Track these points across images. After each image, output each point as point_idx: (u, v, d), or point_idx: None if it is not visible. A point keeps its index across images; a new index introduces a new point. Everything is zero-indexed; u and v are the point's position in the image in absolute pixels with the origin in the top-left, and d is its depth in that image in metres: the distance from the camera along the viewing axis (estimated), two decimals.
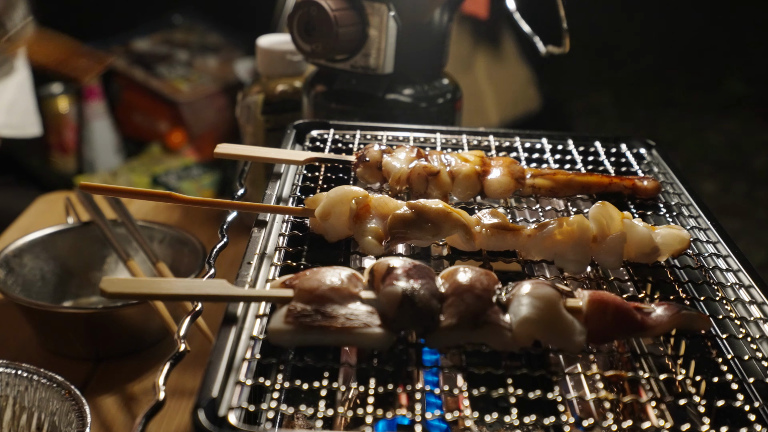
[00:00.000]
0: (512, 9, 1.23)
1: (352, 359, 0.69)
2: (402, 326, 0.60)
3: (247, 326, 0.61)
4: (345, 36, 1.08)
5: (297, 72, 1.29)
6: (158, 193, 0.75)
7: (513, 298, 0.61)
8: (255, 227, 0.75)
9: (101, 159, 2.71)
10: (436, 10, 1.13)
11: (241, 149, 0.89)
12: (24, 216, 1.46)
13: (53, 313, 1.02)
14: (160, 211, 1.44)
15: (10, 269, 1.09)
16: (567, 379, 0.71)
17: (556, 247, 0.73)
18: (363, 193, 0.75)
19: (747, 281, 0.72)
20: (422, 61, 1.16)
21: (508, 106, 2.63)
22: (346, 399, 0.69)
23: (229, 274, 0.65)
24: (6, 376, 0.84)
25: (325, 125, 1.01)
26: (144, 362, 1.05)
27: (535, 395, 0.56)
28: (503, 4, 1.23)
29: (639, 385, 0.69)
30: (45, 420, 0.82)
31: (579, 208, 0.88)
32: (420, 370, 0.60)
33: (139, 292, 0.61)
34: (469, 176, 0.85)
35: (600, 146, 1.00)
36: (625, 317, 0.62)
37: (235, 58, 2.82)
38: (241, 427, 0.51)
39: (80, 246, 1.18)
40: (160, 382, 0.54)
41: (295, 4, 1.10)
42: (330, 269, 0.63)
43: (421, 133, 1.01)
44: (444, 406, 0.72)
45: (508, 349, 0.60)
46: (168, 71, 2.81)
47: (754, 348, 0.63)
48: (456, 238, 0.74)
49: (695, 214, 0.85)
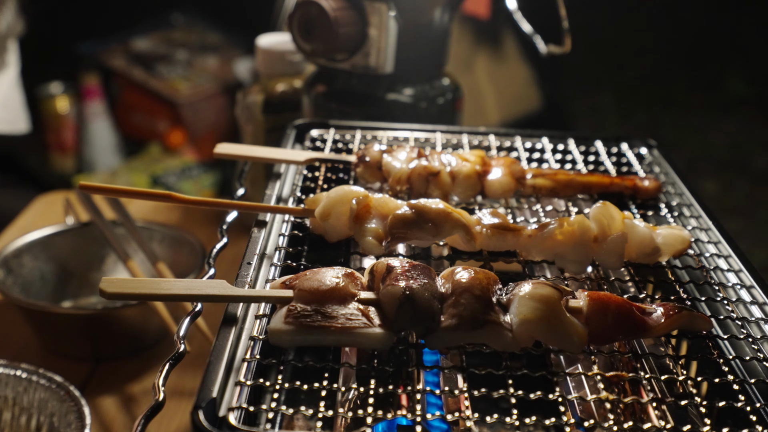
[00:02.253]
0: (513, 8, 1.22)
1: (352, 360, 0.69)
2: (402, 327, 0.60)
3: (247, 327, 0.61)
4: (345, 36, 1.07)
5: (297, 72, 1.29)
6: (158, 193, 0.75)
7: (513, 298, 0.61)
8: (255, 227, 0.75)
9: (101, 159, 2.71)
10: (436, 9, 1.12)
11: (241, 149, 0.89)
12: (23, 216, 1.46)
13: (53, 314, 1.01)
14: (159, 211, 1.44)
15: (10, 269, 1.09)
16: (568, 379, 0.71)
17: (556, 248, 0.73)
18: (363, 193, 0.75)
19: (748, 281, 0.72)
20: (423, 61, 1.16)
21: (508, 106, 2.63)
22: (346, 400, 0.69)
23: (229, 274, 0.65)
24: (5, 376, 0.84)
25: (325, 125, 1.01)
26: (143, 363, 1.05)
27: (535, 396, 0.56)
28: (504, 3, 1.23)
29: (640, 385, 0.68)
30: (44, 421, 0.82)
31: (580, 209, 0.88)
32: (420, 371, 0.60)
33: (138, 293, 0.60)
34: (470, 176, 0.85)
35: (601, 146, 0.99)
36: (626, 318, 0.62)
37: (234, 58, 2.82)
38: (240, 428, 0.51)
39: (79, 246, 1.17)
40: (160, 383, 0.54)
41: (295, 4, 1.10)
42: (330, 269, 0.63)
43: (422, 133, 1.01)
44: (444, 406, 0.71)
45: (508, 349, 0.60)
46: (167, 71, 2.81)
47: (755, 348, 0.63)
48: (456, 238, 0.74)
49: (696, 214, 0.85)
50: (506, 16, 1.23)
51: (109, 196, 1.18)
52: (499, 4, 2.22)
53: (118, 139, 2.77)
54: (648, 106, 4.49)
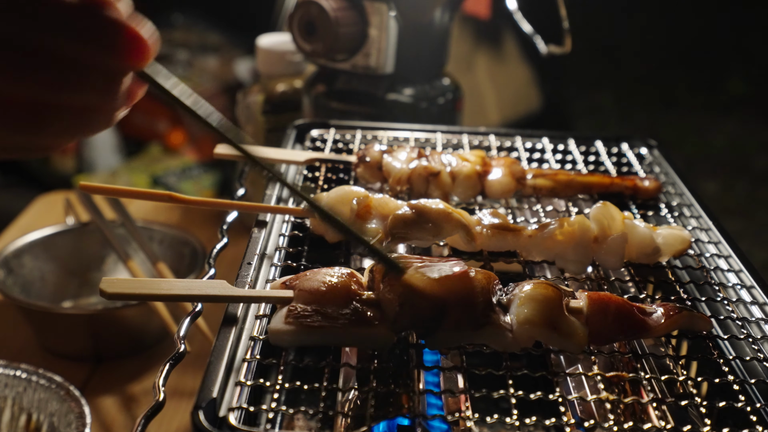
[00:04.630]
0: (513, 8, 1.22)
1: (353, 360, 0.69)
2: (402, 327, 0.60)
3: (247, 327, 0.61)
4: (345, 36, 1.07)
5: (297, 72, 1.29)
6: (158, 194, 0.75)
7: (514, 298, 0.61)
8: (255, 227, 0.75)
9: (101, 159, 2.71)
10: (436, 9, 1.12)
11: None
12: (23, 216, 1.45)
13: (53, 314, 1.01)
14: (159, 211, 1.44)
15: (10, 270, 1.09)
16: (568, 379, 0.71)
17: (557, 248, 0.73)
18: (363, 194, 0.75)
19: (749, 282, 0.72)
20: (423, 61, 1.16)
21: (509, 106, 2.63)
22: (347, 400, 0.69)
23: (229, 274, 0.65)
24: (5, 377, 0.84)
25: (326, 125, 1.01)
26: (144, 363, 1.05)
27: (536, 396, 0.56)
28: (504, 3, 1.23)
29: (640, 385, 0.68)
30: (44, 421, 0.82)
31: (580, 209, 0.88)
32: (421, 371, 0.60)
33: (138, 293, 0.60)
34: (470, 176, 0.85)
35: (601, 146, 0.99)
36: (627, 318, 0.62)
37: (235, 58, 2.81)
38: (241, 428, 0.51)
39: (80, 246, 1.17)
40: (160, 383, 0.54)
41: (296, 4, 1.10)
42: (330, 270, 0.63)
43: (422, 133, 1.01)
44: (445, 406, 0.71)
45: (509, 349, 0.60)
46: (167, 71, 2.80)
47: (755, 349, 0.63)
48: (457, 238, 0.74)
49: (696, 214, 0.85)
50: (506, 16, 1.23)
51: (109, 196, 1.18)
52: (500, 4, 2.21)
53: (118, 139, 2.77)
54: (648, 107, 4.49)
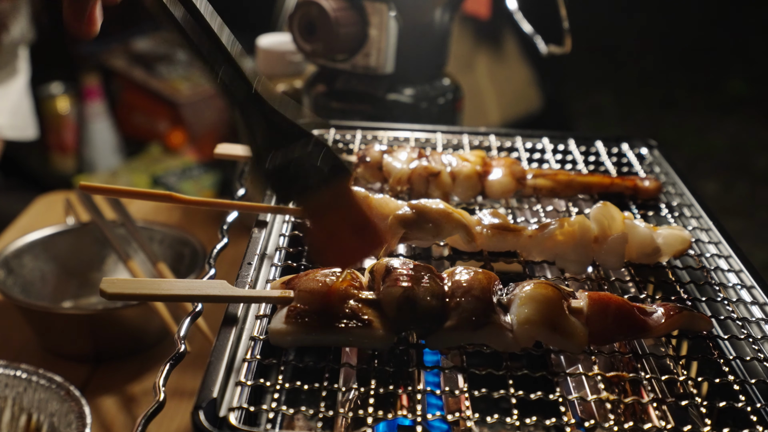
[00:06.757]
0: (513, 8, 1.22)
1: (353, 360, 0.69)
2: (402, 327, 0.60)
3: (248, 327, 0.61)
4: (345, 36, 1.07)
5: (297, 72, 1.29)
6: (158, 194, 0.75)
7: (514, 298, 0.61)
8: (255, 228, 0.75)
9: (101, 159, 2.71)
10: (436, 9, 1.12)
11: (241, 149, 0.89)
12: (23, 216, 1.46)
13: (53, 314, 1.01)
14: (160, 211, 1.44)
15: (10, 270, 1.09)
16: (568, 379, 0.71)
17: (557, 248, 0.73)
18: (364, 194, 0.75)
19: (749, 282, 0.72)
20: (423, 61, 1.16)
21: (509, 106, 2.63)
22: (347, 400, 0.69)
23: (230, 274, 0.65)
24: (5, 377, 0.84)
25: (326, 125, 1.01)
26: (144, 363, 1.05)
27: (536, 396, 0.56)
28: (504, 3, 1.23)
29: (640, 385, 0.68)
30: (44, 421, 0.82)
31: (580, 209, 0.88)
32: (421, 371, 0.60)
33: (139, 293, 0.60)
34: (470, 176, 0.85)
35: (601, 146, 0.99)
36: (627, 318, 0.62)
37: None
38: (241, 428, 0.51)
39: (80, 246, 1.17)
40: (161, 383, 0.54)
41: (296, 4, 1.10)
42: (330, 270, 0.62)
43: (422, 133, 1.01)
44: (445, 407, 0.71)
45: (509, 349, 0.60)
46: (168, 71, 2.80)
47: (756, 349, 0.63)
48: (457, 238, 0.73)
49: (697, 214, 0.85)
50: (507, 16, 1.23)
51: (109, 197, 1.18)
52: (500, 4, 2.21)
53: (118, 140, 2.77)
54: (648, 107, 4.49)
